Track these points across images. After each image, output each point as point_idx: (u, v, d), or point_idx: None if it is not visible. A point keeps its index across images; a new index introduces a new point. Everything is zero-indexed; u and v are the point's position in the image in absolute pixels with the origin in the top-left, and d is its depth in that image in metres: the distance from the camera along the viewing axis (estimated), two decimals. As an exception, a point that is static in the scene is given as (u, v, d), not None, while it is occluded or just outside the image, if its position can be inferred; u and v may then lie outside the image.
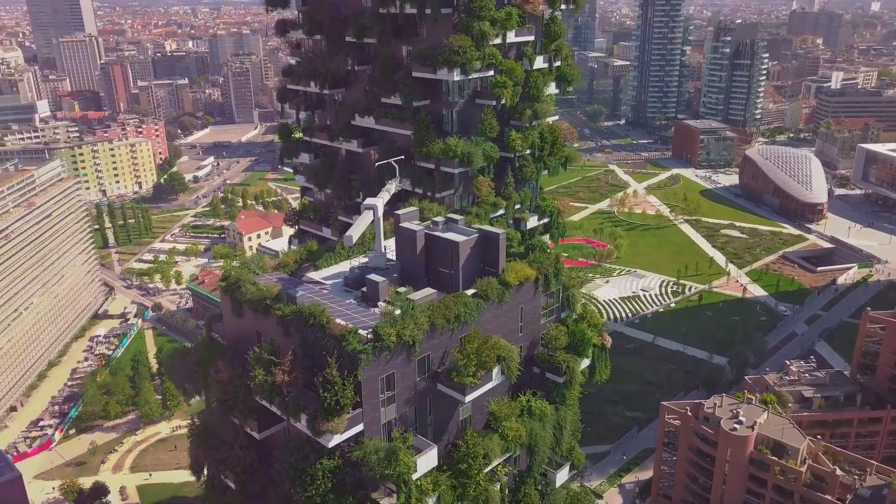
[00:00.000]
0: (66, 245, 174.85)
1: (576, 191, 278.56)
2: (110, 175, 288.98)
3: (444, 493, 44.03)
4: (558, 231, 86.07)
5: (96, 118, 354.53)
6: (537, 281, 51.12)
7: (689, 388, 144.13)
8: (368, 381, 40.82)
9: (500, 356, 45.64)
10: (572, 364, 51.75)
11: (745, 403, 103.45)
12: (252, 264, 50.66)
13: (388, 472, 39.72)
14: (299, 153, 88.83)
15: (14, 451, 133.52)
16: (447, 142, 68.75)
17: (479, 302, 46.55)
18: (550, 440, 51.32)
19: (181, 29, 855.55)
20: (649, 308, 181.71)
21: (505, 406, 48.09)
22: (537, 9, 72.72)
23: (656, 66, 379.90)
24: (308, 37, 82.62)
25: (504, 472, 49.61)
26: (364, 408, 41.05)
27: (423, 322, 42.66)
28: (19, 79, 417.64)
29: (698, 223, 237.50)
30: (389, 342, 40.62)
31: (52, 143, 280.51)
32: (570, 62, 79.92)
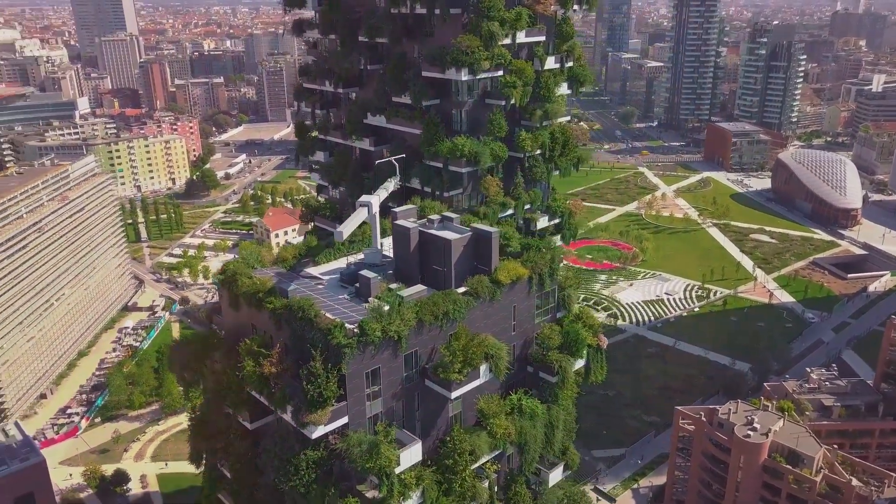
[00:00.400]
0: (98, 238, 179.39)
1: (604, 193, 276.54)
2: (145, 171, 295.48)
3: (428, 487, 44.53)
4: (570, 232, 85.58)
5: (134, 115, 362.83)
6: (531, 280, 51.31)
7: (710, 394, 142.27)
8: (353, 375, 41.52)
9: (488, 354, 45.97)
10: (565, 364, 51.82)
11: (760, 410, 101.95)
12: (251, 258, 51.72)
13: (370, 464, 40.38)
14: (314, 151, 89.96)
15: (42, 437, 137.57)
16: (455, 141, 69.12)
17: (469, 300, 46.95)
18: (541, 439, 51.43)
19: (220, 28, 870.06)
20: (673, 312, 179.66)
21: (494, 404, 48.40)
22: (548, 9, 72.63)
23: (690, 68, 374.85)
24: (323, 36, 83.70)
25: (493, 469, 49.87)
26: (349, 401, 41.78)
27: (409, 318, 43.20)
28: (62, 77, 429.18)
29: (727, 227, 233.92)
30: (374, 337, 41.26)
31: (90, 140, 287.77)
32: (582, 62, 79.62)
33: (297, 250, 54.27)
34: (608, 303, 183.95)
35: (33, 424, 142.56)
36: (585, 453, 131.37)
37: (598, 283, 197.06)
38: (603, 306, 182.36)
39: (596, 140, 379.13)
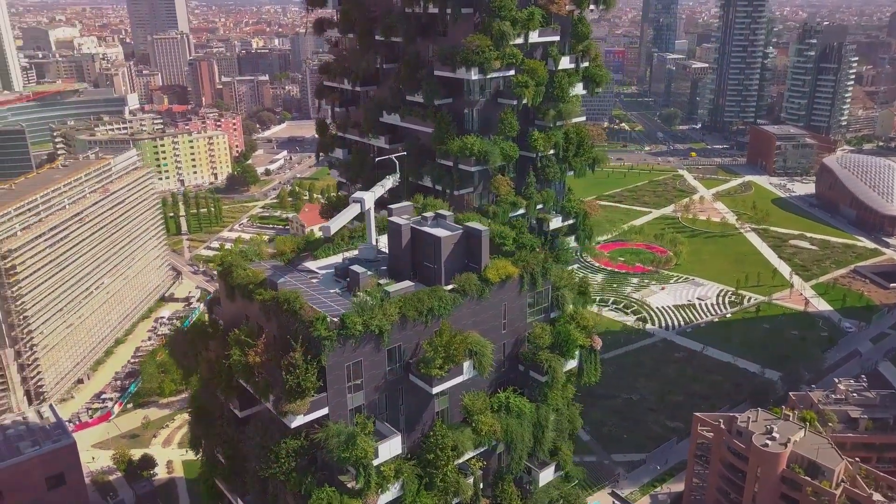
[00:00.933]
0: (137, 230, 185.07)
1: (641, 195, 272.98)
2: (188, 166, 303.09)
3: (407, 480, 45.16)
4: (584, 233, 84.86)
5: (180, 111, 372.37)
6: (522, 279, 51.46)
7: (736, 402, 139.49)
8: (333, 367, 42.39)
9: (472, 351, 46.33)
10: (554, 364, 51.82)
11: (781, 419, 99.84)
12: (249, 251, 53.14)
13: (346, 455, 41.20)
14: (334, 148, 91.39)
15: (77, 420, 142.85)
16: (465, 140, 69.60)
17: (456, 297, 47.39)
18: (529, 438, 51.51)
19: (269, 27, 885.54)
20: (704, 317, 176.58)
21: (479, 401, 48.76)
22: (563, 9, 72.34)
23: (736, 69, 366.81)
24: (342, 35, 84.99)
25: (478, 465, 50.19)
26: (329, 392, 42.66)
27: (392, 313, 43.88)
28: (115, 73, 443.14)
29: (766, 232, 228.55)
30: (355, 330, 42.05)
31: (137, 135, 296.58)
32: (599, 63, 79.14)
33: (296, 244, 55.48)
34: (638, 306, 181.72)
35: (70, 408, 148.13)
36: (605, 457, 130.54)
37: (630, 286, 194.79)
38: (632, 310, 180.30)
39: (637, 141, 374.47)
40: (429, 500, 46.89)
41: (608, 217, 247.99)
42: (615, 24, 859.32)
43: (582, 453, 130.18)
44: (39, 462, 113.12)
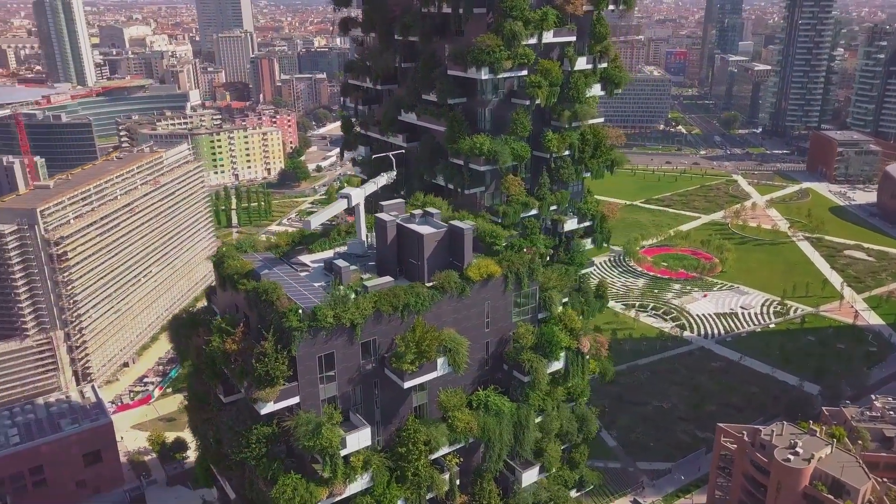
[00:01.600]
0: (187, 221, 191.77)
1: (691, 199, 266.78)
2: (243, 160, 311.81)
3: (377, 472, 45.93)
4: (602, 236, 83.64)
5: (238, 108, 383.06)
6: (507, 279, 51.59)
7: (770, 415, 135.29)
8: (304, 358, 43.50)
9: (446, 347, 46.77)
10: (537, 364, 51.76)
11: (807, 434, 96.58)
12: (244, 243, 54.85)
13: (310, 443, 42.25)
14: (357, 146, 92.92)
15: (119, 401, 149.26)
16: (475, 139, 69.76)
17: (434, 293, 47.88)
18: (508, 437, 51.57)
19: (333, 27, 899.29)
20: (746, 327, 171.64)
21: (455, 397, 49.16)
22: (579, 9, 71.58)
23: (799, 72, 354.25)
24: (365, 34, 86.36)
25: (454, 462, 50.61)
26: (300, 382, 43.80)
27: (366, 307, 44.71)
28: (180, 70, 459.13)
29: (819, 242, 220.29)
30: (325, 322, 43.04)
31: (196, 130, 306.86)
32: (618, 63, 78.06)
33: (291, 238, 56.94)
34: (677, 312, 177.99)
35: (114, 390, 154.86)
36: (630, 464, 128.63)
37: (671, 292, 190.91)
38: (671, 316, 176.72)
39: (692, 145, 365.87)
40: (400, 493, 47.59)
41: (655, 221, 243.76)
42: (680, 25, 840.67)
43: (606, 459, 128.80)
44: (78, 439, 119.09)
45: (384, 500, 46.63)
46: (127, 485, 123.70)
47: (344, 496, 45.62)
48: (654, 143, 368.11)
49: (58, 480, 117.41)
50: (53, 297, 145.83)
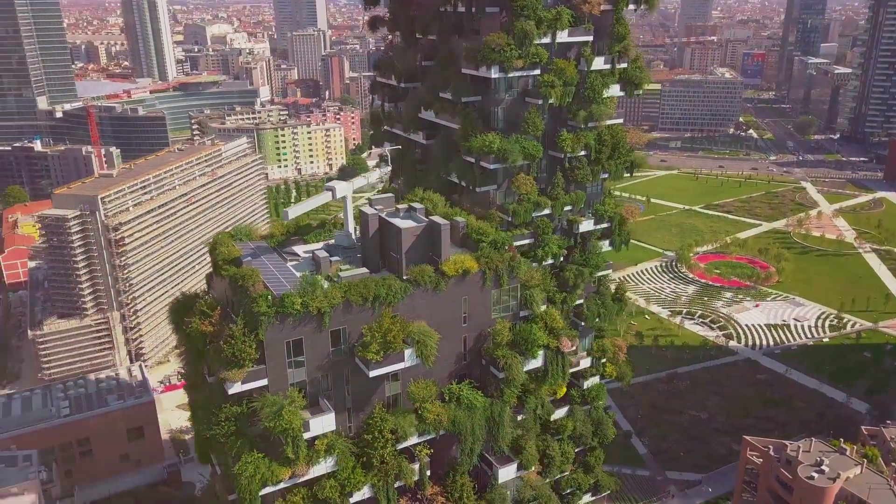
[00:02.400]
0: (242, 213, 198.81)
1: (753, 206, 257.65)
2: (306, 155, 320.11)
3: (341, 456, 47.39)
4: (620, 238, 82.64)
5: (305, 104, 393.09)
6: (485, 275, 52.15)
7: (814, 432, 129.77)
8: (272, 342, 45.39)
9: (414, 339, 47.74)
10: (511, 361, 52.12)
11: (837, 452, 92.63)
12: (240, 232, 57.33)
13: (272, 424, 44.07)
14: (383, 142, 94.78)
15: (167, 381, 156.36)
16: (485, 137, 70.45)
17: (407, 286, 49.01)
18: (481, 432, 52.12)
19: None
20: (797, 339, 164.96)
21: (424, 389, 50.11)
22: (595, 8, 71.17)
23: (882, 75, 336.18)
24: (391, 33, 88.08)
25: (425, 452, 51.48)
26: (268, 365, 45.72)
27: (335, 296, 46.27)
28: (253, 67, 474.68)
29: (888, 254, 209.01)
30: (292, 309, 44.82)
31: (262, 125, 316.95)
32: (639, 64, 77.02)
33: (287, 228, 59.05)
34: (725, 321, 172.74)
35: (163, 370, 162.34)
36: (659, 472, 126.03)
37: (722, 300, 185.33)
38: (719, 325, 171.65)
39: (763, 150, 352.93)
40: (367, 479, 48.94)
41: (712, 227, 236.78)
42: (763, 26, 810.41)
43: (635, 466, 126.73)
44: (122, 415, 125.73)
45: (349, 484, 48.09)
46: (166, 461, 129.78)
47: (308, 478, 47.30)
48: (722, 147, 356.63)
49: (103, 452, 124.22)
50: (111, 279, 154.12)
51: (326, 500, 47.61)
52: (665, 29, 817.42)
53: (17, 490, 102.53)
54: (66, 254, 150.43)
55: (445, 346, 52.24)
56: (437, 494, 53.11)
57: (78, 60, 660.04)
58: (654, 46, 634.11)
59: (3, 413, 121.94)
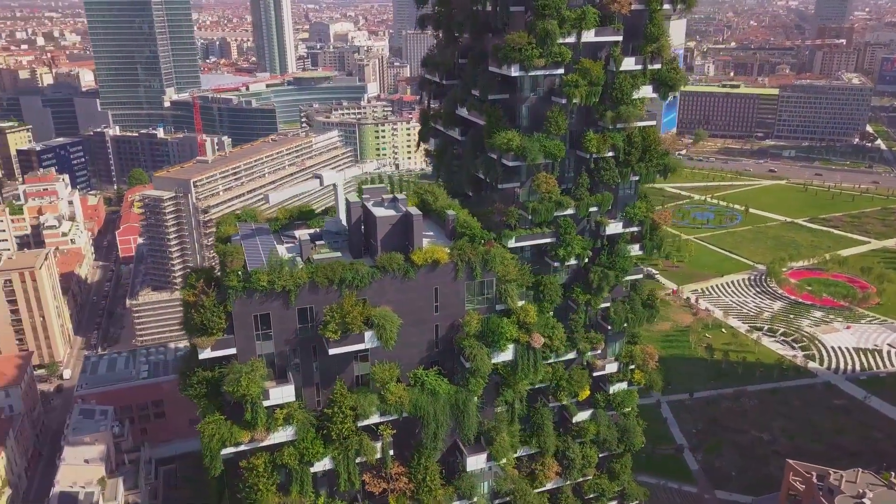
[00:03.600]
0: (327, 202, 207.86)
1: (865, 222, 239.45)
2: (404, 151, 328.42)
3: (300, 426, 50.45)
4: (652, 244, 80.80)
5: (409, 101, 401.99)
6: (457, 267, 53.58)
7: (883, 464, 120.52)
8: (240, 315, 49.13)
9: (374, 322, 49.95)
10: (477, 352, 53.24)
11: (885, 487, 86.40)
12: (246, 213, 61.71)
13: (230, 389, 47.79)
14: (428, 138, 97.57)
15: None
16: (505, 135, 71.62)
17: (375, 272, 51.33)
18: (444, 418, 53.53)
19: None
20: (888, 367, 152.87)
21: (387, 371, 52.20)
22: (625, 7, 70.41)
23: None
24: (435, 30, 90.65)
25: (388, 432, 53.58)
26: (237, 336, 49.51)
27: (301, 277, 49.40)
28: (365, 64, 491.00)
29: None
30: (259, 285, 48.33)
31: (363, 120, 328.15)
32: (674, 66, 75.25)
33: (291, 213, 62.88)
34: (808, 341, 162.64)
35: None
36: (707, 490, 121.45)
37: (809, 319, 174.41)
38: (801, 345, 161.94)
39: (888, 163, 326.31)
40: (327, 451, 51.78)
41: (813, 242, 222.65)
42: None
43: (682, 481, 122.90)
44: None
45: (307, 454, 51.09)
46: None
47: (268, 443, 50.74)
48: (841, 157, 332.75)
49: (174, 415, 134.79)
50: (199, 258, 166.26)
51: (286, 466, 50.90)
52: (801, 31, 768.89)
53: (90, 440, 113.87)
54: (160, 231, 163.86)
55: (416, 333, 54.27)
56: (401, 475, 55.17)
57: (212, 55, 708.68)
58: (781, 49, 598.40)
59: (91, 371, 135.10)
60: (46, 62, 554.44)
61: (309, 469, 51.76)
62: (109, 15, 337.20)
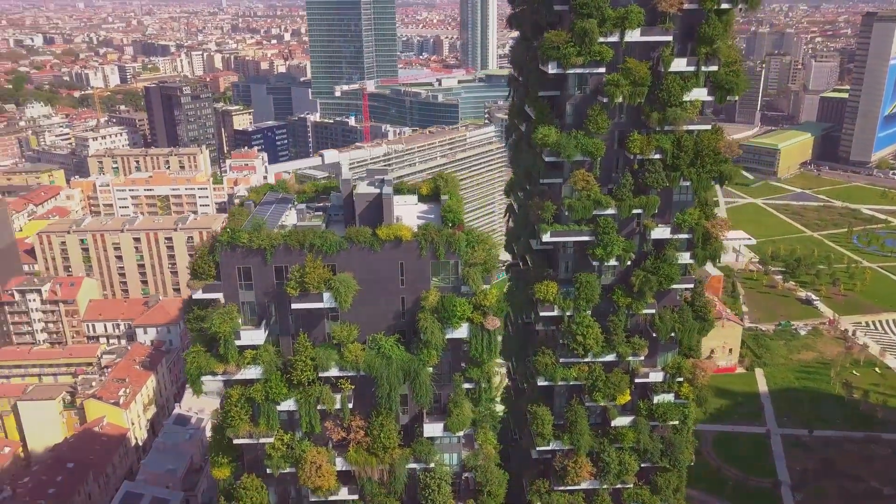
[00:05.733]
0: (477, 194, 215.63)
1: None
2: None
3: (267, 367, 58.23)
4: (704, 254, 79.05)
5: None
6: (420, 245, 58.05)
7: None
8: (225, 265, 58.01)
9: (329, 284, 56.27)
10: (430, 325, 57.32)
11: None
12: (279, 185, 70.94)
13: (207, 325, 56.90)
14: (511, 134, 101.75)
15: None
16: (543, 130, 74.79)
17: (342, 241, 57.64)
18: (397, 381, 58.16)
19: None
20: None
21: (345, 330, 58.24)
22: (674, 6, 70.10)
23: None
24: (516, 30, 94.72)
25: (348, 387, 59.65)
26: (223, 283, 58.56)
27: (276, 238, 57.17)
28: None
29: None
30: (240, 241, 56.92)
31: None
32: (735, 69, 73.21)
33: (316, 187, 71.08)
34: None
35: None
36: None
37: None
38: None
39: None
40: (291, 394, 59.17)
41: None
42: None
43: None
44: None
45: (272, 393, 58.83)
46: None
47: (240, 378, 59.26)
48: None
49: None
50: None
51: (254, 400, 59.22)
52: None
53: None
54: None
55: (383, 303, 59.80)
56: (360, 427, 61.05)
57: (426, 52, 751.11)
58: None
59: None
60: (284, 55, 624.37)
61: (274, 406, 59.50)
62: (325, 14, 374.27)
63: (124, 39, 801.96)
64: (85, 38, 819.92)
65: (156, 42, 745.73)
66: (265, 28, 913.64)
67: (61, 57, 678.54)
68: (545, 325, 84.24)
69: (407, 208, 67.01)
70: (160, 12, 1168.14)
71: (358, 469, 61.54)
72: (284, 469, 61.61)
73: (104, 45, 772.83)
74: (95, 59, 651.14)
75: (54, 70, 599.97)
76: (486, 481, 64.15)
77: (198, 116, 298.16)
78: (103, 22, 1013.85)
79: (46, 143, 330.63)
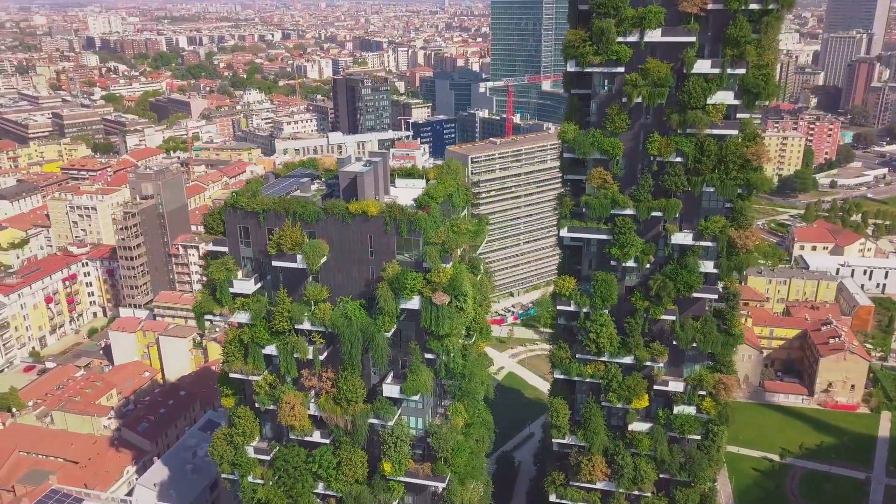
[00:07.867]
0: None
1: None
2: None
3: (253, 312, 67.58)
4: (729, 264, 77.78)
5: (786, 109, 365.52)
6: (386, 222, 64.19)
7: None
8: (229, 223, 68.41)
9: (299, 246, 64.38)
10: (384, 294, 63.32)
11: None
12: (309, 163, 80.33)
13: (206, 272, 67.79)
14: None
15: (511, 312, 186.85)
16: (563, 126, 78.29)
17: (319, 211, 65.55)
18: (357, 340, 64.61)
19: None
20: None
21: (316, 290, 66.05)
22: (695, 6, 70.22)
23: None
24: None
25: (319, 340, 67.47)
26: (228, 238, 69.07)
27: (267, 203, 66.39)
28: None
29: None
30: (239, 204, 67.00)
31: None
32: (766, 71, 71.32)
33: (336, 165, 79.40)
34: None
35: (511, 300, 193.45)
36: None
37: None
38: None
39: None
40: (272, 340, 68.20)
41: None
42: None
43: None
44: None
45: (256, 337, 68.32)
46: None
47: (234, 320, 69.43)
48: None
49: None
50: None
51: (242, 341, 69.22)
52: None
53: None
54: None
55: (356, 270, 66.87)
56: (329, 379, 68.70)
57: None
58: None
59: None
60: (482, 53, 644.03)
61: (259, 349, 69.03)
62: (509, 13, 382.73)
63: (347, 36, 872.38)
64: (315, 35, 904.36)
65: (372, 39, 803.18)
66: (476, 27, 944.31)
67: (292, 51, 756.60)
68: (566, 321, 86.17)
69: (409, 190, 72.82)
70: (387, 11, 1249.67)
71: (326, 416, 69.24)
72: (268, 406, 71.15)
73: (329, 41, 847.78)
74: (319, 53, 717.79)
75: (283, 63, 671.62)
76: (440, 448, 68.60)
77: (376, 107, 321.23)
78: (336, 20, 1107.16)
79: (253, 125, 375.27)
